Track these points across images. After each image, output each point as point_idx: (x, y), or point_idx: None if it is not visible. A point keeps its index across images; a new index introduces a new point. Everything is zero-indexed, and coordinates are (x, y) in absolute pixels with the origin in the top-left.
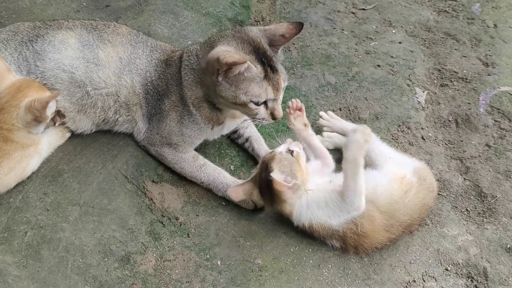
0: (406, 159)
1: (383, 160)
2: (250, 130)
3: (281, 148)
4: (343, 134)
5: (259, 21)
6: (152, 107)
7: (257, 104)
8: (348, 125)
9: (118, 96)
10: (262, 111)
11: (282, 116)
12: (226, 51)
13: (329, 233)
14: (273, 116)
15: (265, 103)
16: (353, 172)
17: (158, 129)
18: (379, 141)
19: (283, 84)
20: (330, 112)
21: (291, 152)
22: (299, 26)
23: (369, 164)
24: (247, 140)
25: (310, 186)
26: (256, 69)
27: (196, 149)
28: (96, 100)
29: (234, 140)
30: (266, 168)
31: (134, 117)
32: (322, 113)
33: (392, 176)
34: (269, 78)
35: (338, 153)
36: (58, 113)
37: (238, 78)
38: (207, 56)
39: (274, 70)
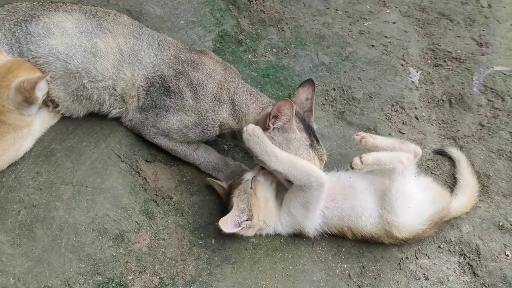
0: (426, 206)
1: (400, 209)
2: None
3: (249, 175)
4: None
5: (252, 0)
6: (152, 100)
7: None
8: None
9: (115, 90)
10: None
11: None
12: None
13: None
14: None
15: None
16: None
17: (155, 122)
18: (410, 179)
19: (325, 157)
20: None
21: (252, 180)
22: (310, 81)
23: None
24: None
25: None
26: (300, 135)
27: None
28: (92, 93)
29: None
30: (229, 193)
31: (128, 109)
32: (365, 157)
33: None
34: (315, 148)
35: None
36: (52, 102)
37: (286, 137)
38: (257, 117)
39: (318, 142)
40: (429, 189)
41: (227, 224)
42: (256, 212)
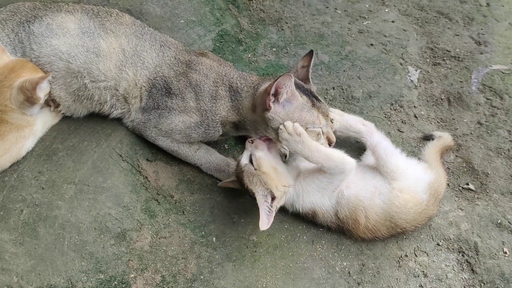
0: (421, 173)
1: (398, 174)
2: None
3: (244, 159)
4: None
5: (252, 0)
6: (155, 101)
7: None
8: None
9: (117, 90)
10: (321, 137)
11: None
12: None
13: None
14: (329, 140)
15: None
16: None
17: (157, 123)
18: (396, 150)
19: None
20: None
21: (249, 162)
22: (311, 52)
23: (377, 168)
24: None
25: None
26: (301, 99)
27: None
28: (93, 93)
29: None
30: (241, 183)
31: (130, 109)
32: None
33: (399, 195)
34: (317, 107)
35: None
36: (53, 101)
37: (288, 108)
38: (252, 98)
39: (318, 99)
40: (415, 161)
41: (266, 222)
42: (272, 185)
